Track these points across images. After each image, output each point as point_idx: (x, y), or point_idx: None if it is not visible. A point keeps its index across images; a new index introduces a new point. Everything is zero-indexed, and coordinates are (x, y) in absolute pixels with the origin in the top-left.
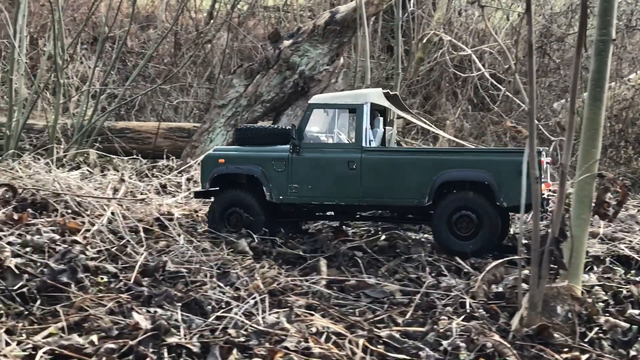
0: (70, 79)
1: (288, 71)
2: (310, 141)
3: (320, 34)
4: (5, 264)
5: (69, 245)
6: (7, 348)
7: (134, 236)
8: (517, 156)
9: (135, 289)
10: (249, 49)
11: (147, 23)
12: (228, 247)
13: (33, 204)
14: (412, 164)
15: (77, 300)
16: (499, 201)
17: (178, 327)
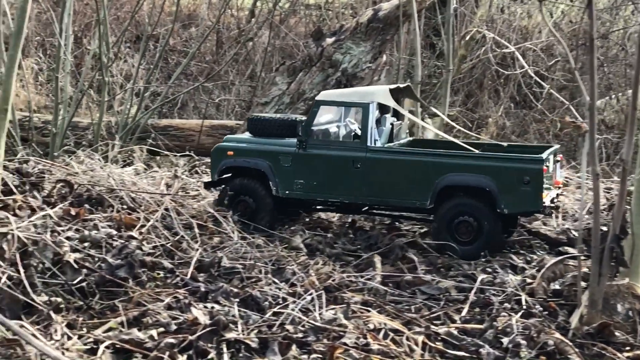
0: (115, 77)
1: (331, 69)
2: (319, 136)
3: (362, 31)
4: (65, 259)
5: (125, 241)
6: (69, 342)
7: (188, 232)
8: (518, 163)
9: (192, 284)
10: (290, 47)
11: (189, 21)
12: (282, 243)
13: (89, 200)
14: (416, 166)
15: (135, 295)
16: (499, 208)
17: (235, 322)
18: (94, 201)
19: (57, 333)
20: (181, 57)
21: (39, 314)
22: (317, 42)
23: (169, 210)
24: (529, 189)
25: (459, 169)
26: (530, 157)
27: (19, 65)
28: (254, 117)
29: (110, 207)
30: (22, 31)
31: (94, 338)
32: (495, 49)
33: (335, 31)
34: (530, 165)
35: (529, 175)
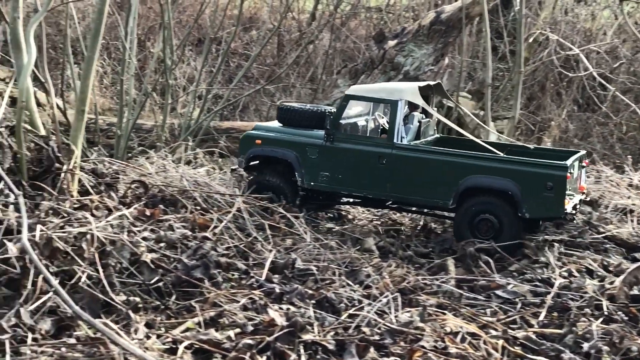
0: (178, 80)
1: (392, 71)
2: (347, 130)
3: (425, 34)
4: (142, 259)
5: (200, 242)
6: (149, 341)
7: (261, 233)
8: (542, 168)
9: (267, 285)
10: (351, 50)
11: (250, 24)
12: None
13: (163, 200)
14: (441, 166)
15: (211, 296)
16: (521, 212)
17: (311, 324)
18: (167, 202)
19: (139, 332)
20: (242, 60)
21: (117, 313)
22: (379, 44)
23: (241, 211)
24: (552, 195)
25: (484, 171)
26: (555, 164)
27: None
28: (284, 107)
29: (183, 208)
30: (100, 33)
31: (173, 338)
32: (559, 51)
33: (398, 33)
34: (554, 172)
35: (552, 181)
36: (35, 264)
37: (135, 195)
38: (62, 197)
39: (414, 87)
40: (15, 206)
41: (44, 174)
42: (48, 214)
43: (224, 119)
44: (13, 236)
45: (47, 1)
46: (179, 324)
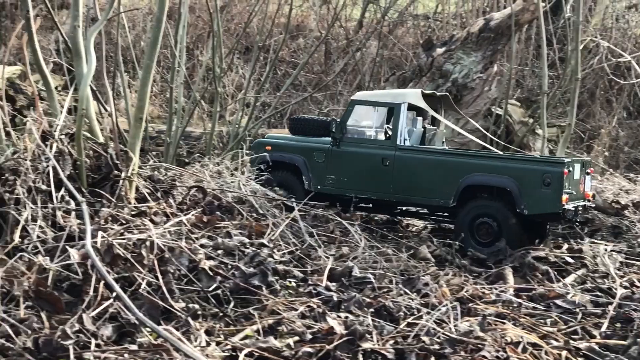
0: (227, 88)
1: (441, 79)
2: (352, 135)
3: (473, 41)
4: (200, 266)
5: (257, 249)
6: (209, 348)
7: (316, 240)
8: (541, 165)
9: (325, 293)
10: (398, 57)
11: (297, 33)
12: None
13: (219, 207)
14: (441, 165)
15: (269, 304)
16: (519, 208)
17: (370, 332)
18: (223, 209)
19: (201, 339)
20: (289, 68)
21: (177, 320)
22: (428, 52)
23: (297, 218)
24: (549, 191)
25: (482, 169)
26: (552, 160)
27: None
28: (294, 117)
29: (239, 215)
30: (158, 41)
31: (232, 345)
32: (610, 58)
33: (446, 41)
34: (551, 168)
35: (549, 177)
36: (99, 270)
37: (193, 202)
38: (121, 204)
39: (417, 91)
40: (76, 213)
41: (103, 181)
42: (107, 221)
43: (271, 126)
44: (75, 242)
45: (106, 10)
46: (237, 332)
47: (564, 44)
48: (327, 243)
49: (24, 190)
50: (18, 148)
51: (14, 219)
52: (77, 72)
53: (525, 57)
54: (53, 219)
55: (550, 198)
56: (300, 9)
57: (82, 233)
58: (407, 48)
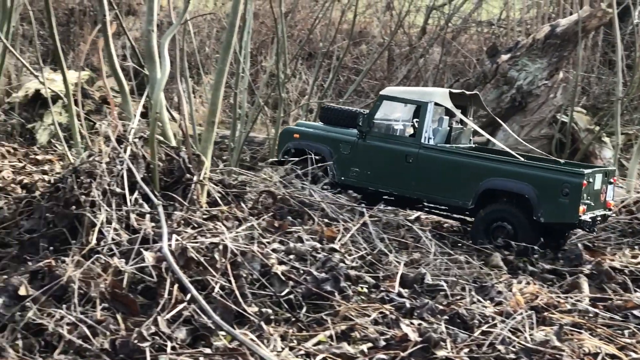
0: (290, 93)
1: (505, 86)
2: (380, 129)
3: (539, 47)
4: (273, 271)
5: (328, 254)
6: (283, 353)
7: (387, 245)
8: (561, 175)
9: (397, 300)
10: (461, 64)
11: (360, 39)
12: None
13: (290, 212)
14: (463, 166)
15: (342, 309)
16: (536, 216)
17: (444, 340)
18: (294, 213)
19: (277, 344)
20: (352, 74)
21: (250, 324)
22: (492, 58)
23: (367, 223)
24: (567, 201)
25: (502, 174)
26: (572, 170)
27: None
28: (326, 106)
29: (310, 220)
30: (231, 46)
31: (305, 350)
32: None
33: (511, 47)
34: (571, 178)
35: (568, 187)
36: (176, 273)
37: (264, 206)
38: (193, 208)
39: (444, 91)
40: (150, 216)
41: (175, 185)
42: (180, 224)
43: None
44: (150, 245)
45: (180, 14)
46: (310, 337)
47: (632, 50)
48: (398, 249)
49: (99, 192)
50: (93, 151)
51: (89, 221)
52: (150, 77)
53: (592, 63)
54: (127, 222)
55: (567, 208)
56: (363, 15)
57: (156, 236)
58: (471, 55)
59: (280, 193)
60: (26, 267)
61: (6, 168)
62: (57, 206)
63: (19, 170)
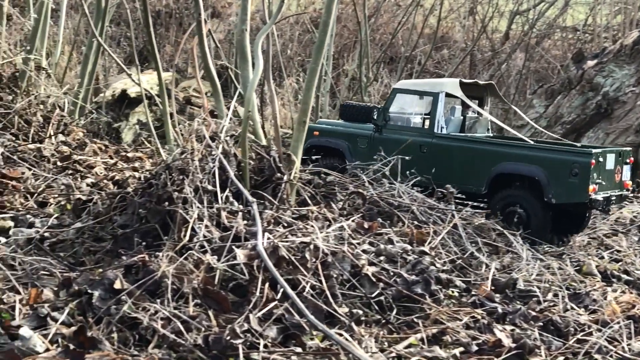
0: (372, 97)
1: (591, 92)
2: (398, 123)
3: (627, 53)
4: (363, 272)
5: (418, 256)
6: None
7: (477, 248)
8: (569, 155)
9: (489, 304)
10: (544, 70)
11: (442, 43)
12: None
13: (379, 213)
14: (475, 153)
15: (433, 313)
16: (547, 197)
17: (538, 347)
18: (384, 215)
19: (369, 345)
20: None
21: (340, 325)
22: (578, 64)
23: (457, 226)
24: (577, 181)
25: (513, 158)
26: (580, 150)
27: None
28: (344, 104)
29: (399, 222)
30: (324, 45)
31: (397, 353)
32: None
33: (597, 53)
34: (579, 158)
35: (577, 167)
36: (271, 271)
37: (353, 207)
38: (283, 207)
39: (455, 81)
40: (242, 214)
41: (265, 184)
42: (270, 223)
43: None
44: (241, 243)
45: (274, 14)
46: (401, 339)
47: None
48: (489, 253)
49: (191, 189)
50: (186, 148)
51: (181, 218)
52: (242, 76)
53: None
54: (217, 219)
55: (577, 188)
56: (446, 20)
57: (248, 234)
58: (555, 60)
59: (369, 194)
60: (120, 262)
61: (98, 164)
62: (150, 202)
63: (110, 167)
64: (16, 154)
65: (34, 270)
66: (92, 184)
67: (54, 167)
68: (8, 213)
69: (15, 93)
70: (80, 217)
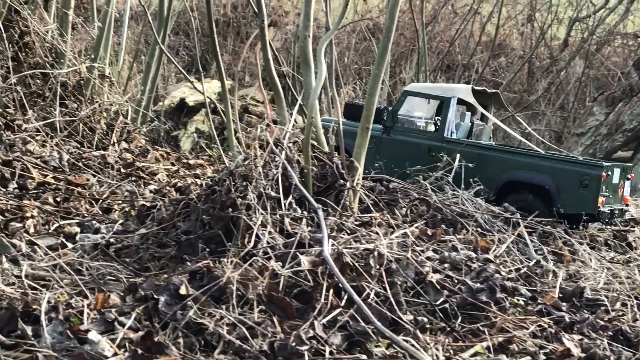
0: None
1: None
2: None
3: None
4: (428, 279)
5: (483, 264)
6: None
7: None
8: (580, 167)
9: (555, 313)
10: (604, 77)
11: (499, 51)
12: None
13: (443, 220)
14: (484, 159)
15: (499, 321)
16: (556, 207)
17: (607, 357)
18: (447, 222)
19: (436, 353)
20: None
21: (405, 332)
22: (639, 71)
23: (522, 234)
24: (586, 192)
25: (523, 167)
26: (592, 163)
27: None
28: (349, 103)
29: (463, 229)
30: (387, 51)
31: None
32: None
33: None
34: (591, 170)
35: (588, 179)
36: (338, 278)
37: (417, 214)
38: (346, 214)
39: (467, 87)
40: (306, 220)
41: (327, 190)
42: (333, 230)
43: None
44: (305, 249)
45: (337, 20)
46: (466, 348)
47: None
48: (555, 261)
49: (255, 195)
50: (249, 154)
51: (244, 224)
52: (305, 82)
53: None
54: (281, 225)
55: (586, 199)
56: (503, 27)
57: (312, 240)
58: (615, 67)
59: (433, 201)
60: (185, 268)
61: (161, 171)
62: (213, 208)
63: (172, 174)
64: (81, 160)
65: (100, 275)
66: (155, 191)
67: (118, 174)
68: (74, 219)
69: (80, 101)
70: (144, 223)
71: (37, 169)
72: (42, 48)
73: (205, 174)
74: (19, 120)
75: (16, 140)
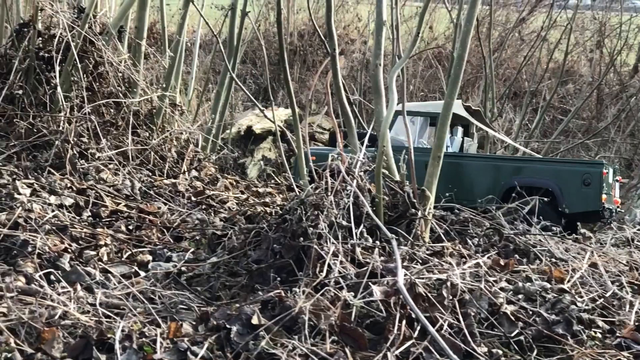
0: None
1: None
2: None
3: None
4: (502, 310)
5: (558, 295)
6: None
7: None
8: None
9: (635, 347)
10: None
11: (567, 78)
12: None
13: (515, 250)
14: (480, 170)
15: (576, 354)
16: (561, 207)
17: None
18: (520, 252)
19: None
20: (557, 114)
21: None
22: None
23: (597, 264)
24: (590, 190)
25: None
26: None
27: None
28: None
29: (536, 259)
30: (459, 79)
31: None
32: None
33: None
34: (591, 169)
35: (589, 177)
36: (413, 309)
37: (490, 244)
38: (418, 243)
39: (458, 102)
40: (377, 249)
41: (399, 219)
42: (405, 259)
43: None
44: (377, 279)
45: (409, 48)
46: None
47: None
48: (633, 292)
49: (326, 225)
50: (320, 184)
51: (316, 253)
52: (376, 110)
53: None
54: (352, 255)
55: (590, 197)
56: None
57: (384, 270)
58: None
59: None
60: (256, 297)
61: (231, 199)
62: (284, 237)
63: (242, 202)
64: (152, 189)
65: (172, 304)
66: (225, 219)
67: (189, 202)
68: (146, 247)
69: (151, 130)
70: (215, 252)
71: (110, 197)
72: (116, 78)
73: (275, 202)
74: (92, 149)
75: (90, 168)
